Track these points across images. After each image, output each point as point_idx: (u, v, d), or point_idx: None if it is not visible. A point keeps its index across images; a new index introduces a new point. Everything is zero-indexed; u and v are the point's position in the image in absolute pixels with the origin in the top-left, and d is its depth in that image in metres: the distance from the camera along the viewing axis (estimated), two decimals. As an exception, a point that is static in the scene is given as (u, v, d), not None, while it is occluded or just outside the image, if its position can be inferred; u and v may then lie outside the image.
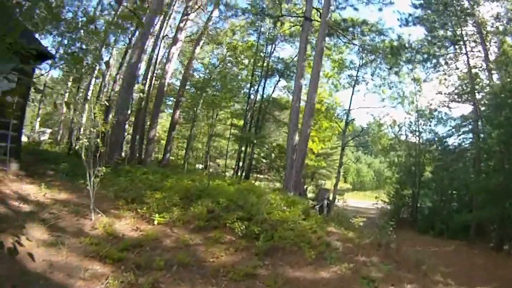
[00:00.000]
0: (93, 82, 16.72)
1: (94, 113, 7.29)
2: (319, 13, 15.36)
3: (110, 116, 11.96)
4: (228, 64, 22.31)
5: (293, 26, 19.11)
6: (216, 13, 17.94)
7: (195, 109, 19.86)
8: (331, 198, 13.96)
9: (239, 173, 20.96)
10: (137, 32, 13.74)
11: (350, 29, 17.55)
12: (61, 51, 13.28)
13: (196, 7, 16.46)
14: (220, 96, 19.90)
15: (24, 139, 14.41)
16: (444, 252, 11.09)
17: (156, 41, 16.82)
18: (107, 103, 9.39)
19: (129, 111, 15.82)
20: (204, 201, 7.49)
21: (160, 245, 5.51)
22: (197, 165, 21.74)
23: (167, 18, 16.43)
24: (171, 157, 22.47)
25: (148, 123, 17.14)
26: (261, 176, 24.12)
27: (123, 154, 16.89)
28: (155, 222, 6.31)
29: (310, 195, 16.58)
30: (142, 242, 5.41)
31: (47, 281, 3.99)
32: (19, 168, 8.05)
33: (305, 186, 15.96)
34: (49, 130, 19.05)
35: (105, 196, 7.37)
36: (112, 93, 14.26)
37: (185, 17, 16.38)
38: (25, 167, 8.33)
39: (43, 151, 11.96)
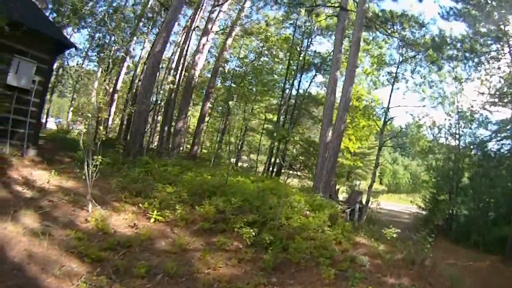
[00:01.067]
0: (123, 72, 16.91)
1: (99, 100, 6.87)
2: (355, 4, 14.32)
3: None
4: (265, 58, 21.59)
5: (329, 17, 18.02)
6: (248, 3, 17.19)
7: (229, 102, 19.42)
8: (364, 200, 12.66)
9: (270, 169, 20.14)
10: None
11: (389, 22, 16.34)
12: (93, 45, 13.56)
13: (227, -3, 15.83)
14: (256, 89, 19.24)
15: (53, 127, 14.98)
16: (478, 268, 9.68)
17: (188, 33, 16.50)
18: (108, 88, 9.05)
19: (158, 101, 15.78)
20: (216, 200, 6.74)
21: (152, 247, 4.84)
22: (231, 159, 21.31)
23: (199, 10, 16.01)
24: (203, 150, 22.37)
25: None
26: (294, 173, 23.09)
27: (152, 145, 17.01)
28: (151, 220, 5.67)
29: (343, 195, 15.28)
30: (133, 242, 4.79)
31: (21, 272, 3.70)
32: (36, 154, 7.99)
33: (337, 187, 14.67)
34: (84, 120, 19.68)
35: (111, 187, 6.95)
36: (140, 83, 14.17)
37: (216, 7, 15.82)
38: (43, 153, 8.27)
39: (68, 139, 12.13)
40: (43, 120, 18.23)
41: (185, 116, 16.64)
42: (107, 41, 13.87)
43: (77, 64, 16.56)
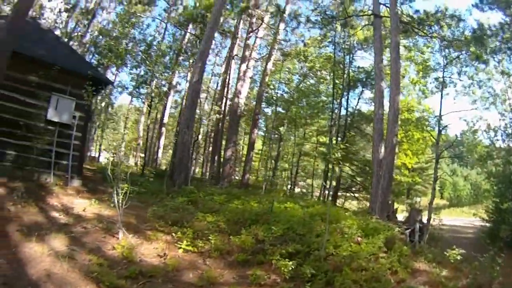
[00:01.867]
0: (169, 106, 17.79)
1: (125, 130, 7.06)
2: (388, 9, 13.57)
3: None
4: (311, 81, 21.28)
5: (365, 26, 17.53)
6: (282, 25, 17.32)
7: (279, 128, 19.32)
8: (425, 219, 10.97)
9: (325, 193, 18.99)
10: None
11: (426, 22, 15.41)
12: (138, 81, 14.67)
13: (260, 22, 16.07)
14: (304, 112, 18.97)
15: (104, 160, 16.07)
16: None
17: (228, 62, 17.01)
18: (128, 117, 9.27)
19: (208, 132, 16.00)
20: (257, 228, 6.23)
21: (177, 279, 4.40)
22: (287, 186, 20.75)
23: (235, 39, 16.53)
24: (259, 178, 22.11)
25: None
26: (352, 195, 21.48)
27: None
28: (181, 251, 5.28)
29: (403, 215, 13.48)
30: (157, 272, 4.43)
31: (36, 290, 3.61)
32: (81, 185, 8.40)
33: (395, 206, 13.08)
34: (141, 154, 21.00)
35: (148, 216, 6.82)
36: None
37: (251, 34, 16.16)
38: (88, 184, 8.67)
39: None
40: (96, 155, 19.91)
41: (233, 144, 16.64)
42: (148, 77, 14.94)
43: (110, 105, 17.91)
